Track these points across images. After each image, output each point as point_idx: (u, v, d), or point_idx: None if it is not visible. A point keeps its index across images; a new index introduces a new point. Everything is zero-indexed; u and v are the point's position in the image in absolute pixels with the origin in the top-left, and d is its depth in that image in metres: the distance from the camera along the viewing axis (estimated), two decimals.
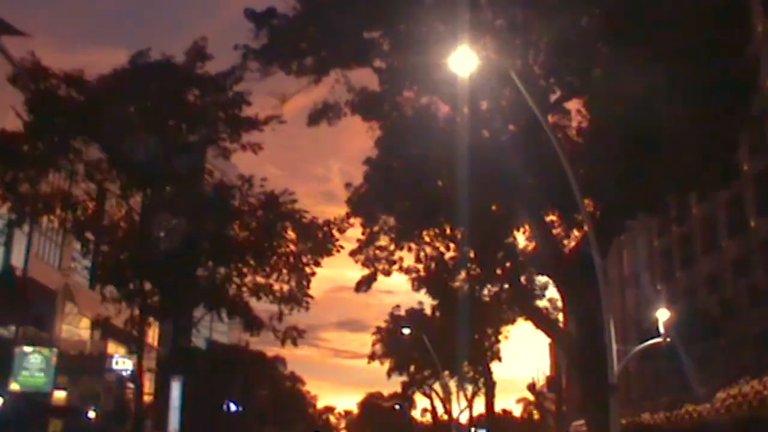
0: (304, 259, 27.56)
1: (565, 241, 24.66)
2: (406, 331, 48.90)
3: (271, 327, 27.67)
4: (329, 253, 27.87)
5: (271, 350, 60.67)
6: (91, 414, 28.44)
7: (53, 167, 25.01)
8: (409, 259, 45.79)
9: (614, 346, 15.45)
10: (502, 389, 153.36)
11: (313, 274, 27.94)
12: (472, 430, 53.87)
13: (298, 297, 27.51)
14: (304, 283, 27.73)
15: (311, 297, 28.30)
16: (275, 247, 27.09)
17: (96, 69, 27.40)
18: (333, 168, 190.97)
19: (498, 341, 45.68)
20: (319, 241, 27.36)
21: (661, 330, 25.87)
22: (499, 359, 50.09)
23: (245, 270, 26.93)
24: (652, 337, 26.15)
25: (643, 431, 37.22)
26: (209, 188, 27.10)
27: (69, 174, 26.47)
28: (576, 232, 24.47)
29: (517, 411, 70.94)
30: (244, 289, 27.24)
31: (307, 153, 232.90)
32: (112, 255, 26.28)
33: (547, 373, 70.08)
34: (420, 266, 44.81)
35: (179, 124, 26.32)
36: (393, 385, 63.04)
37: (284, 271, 27.31)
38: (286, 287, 27.46)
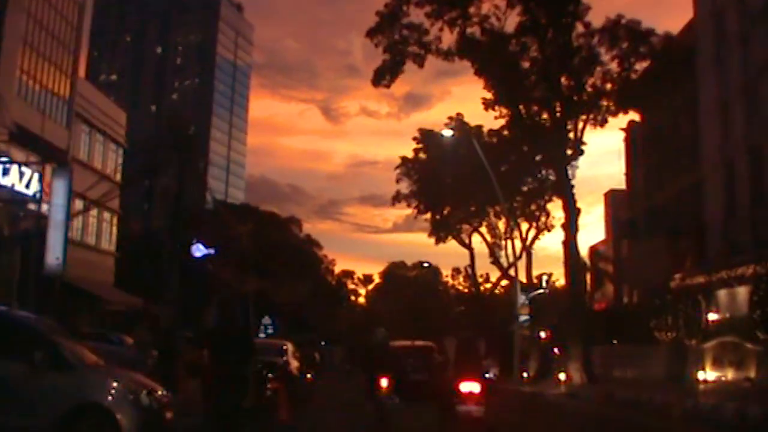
0: None
1: None
2: (448, 133, 36.55)
3: None
4: None
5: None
6: None
7: None
8: (448, 39, 32.30)
9: None
10: (544, 253, 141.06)
11: None
12: (544, 280, 42.39)
13: None
14: None
15: None
16: None
17: None
18: (355, 42, 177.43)
19: (580, 153, 32.87)
20: None
21: None
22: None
23: None
24: None
25: None
26: None
27: None
28: None
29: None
30: None
31: (329, 27, 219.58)
32: None
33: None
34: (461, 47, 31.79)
35: None
36: (417, 255, 52.56)
37: None
38: None
